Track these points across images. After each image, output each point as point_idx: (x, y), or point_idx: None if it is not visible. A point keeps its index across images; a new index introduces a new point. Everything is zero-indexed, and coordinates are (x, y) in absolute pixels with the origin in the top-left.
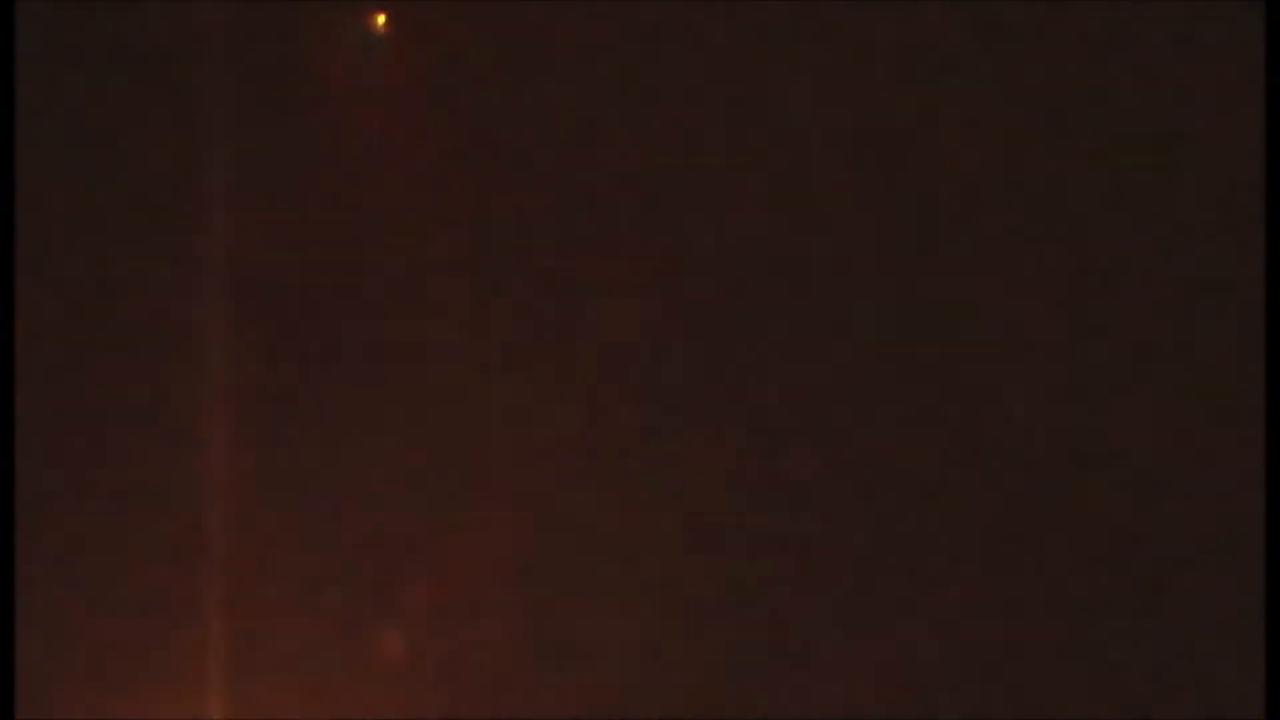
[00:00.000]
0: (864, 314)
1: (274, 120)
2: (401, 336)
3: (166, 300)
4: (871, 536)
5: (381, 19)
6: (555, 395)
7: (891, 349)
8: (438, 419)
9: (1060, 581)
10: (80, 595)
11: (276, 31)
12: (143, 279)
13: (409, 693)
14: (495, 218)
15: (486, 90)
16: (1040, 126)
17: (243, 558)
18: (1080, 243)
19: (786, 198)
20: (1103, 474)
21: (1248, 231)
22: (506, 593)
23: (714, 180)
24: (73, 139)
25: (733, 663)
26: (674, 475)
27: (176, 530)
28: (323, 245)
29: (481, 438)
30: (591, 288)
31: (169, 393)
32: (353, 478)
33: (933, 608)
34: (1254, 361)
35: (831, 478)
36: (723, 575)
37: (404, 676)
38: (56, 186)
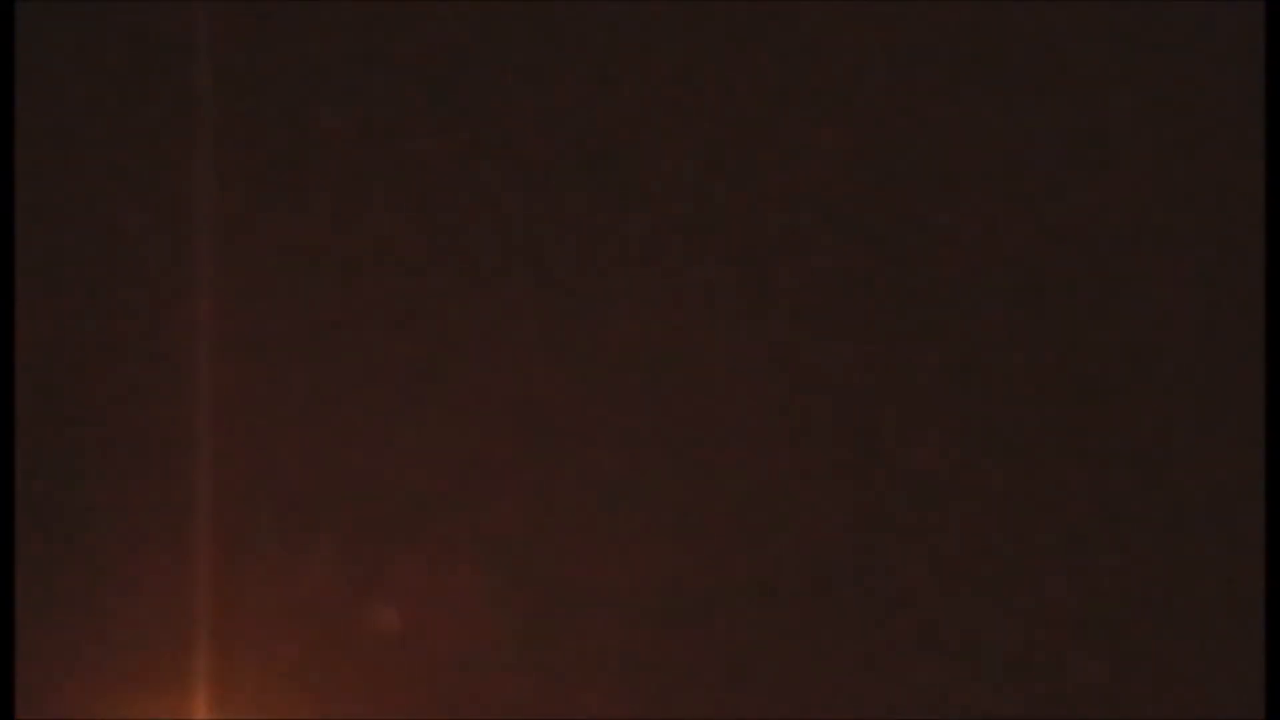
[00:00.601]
0: (858, 315)
1: (272, 121)
2: (401, 333)
3: (163, 300)
4: (869, 537)
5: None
6: (557, 393)
7: (889, 350)
8: (437, 420)
9: (1058, 581)
10: (80, 596)
11: (273, 31)
12: (141, 276)
13: (408, 695)
14: (495, 213)
15: (486, 88)
16: (1039, 127)
17: (243, 557)
18: (1079, 243)
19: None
20: (1102, 474)
21: (1248, 231)
22: (507, 592)
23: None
24: (72, 139)
25: (737, 665)
26: (679, 474)
27: (176, 530)
28: (321, 244)
29: (481, 436)
30: (593, 284)
31: (167, 394)
32: (351, 478)
33: (930, 607)
34: (1254, 361)
35: (832, 478)
36: (730, 576)
37: (403, 679)
38: (56, 186)
